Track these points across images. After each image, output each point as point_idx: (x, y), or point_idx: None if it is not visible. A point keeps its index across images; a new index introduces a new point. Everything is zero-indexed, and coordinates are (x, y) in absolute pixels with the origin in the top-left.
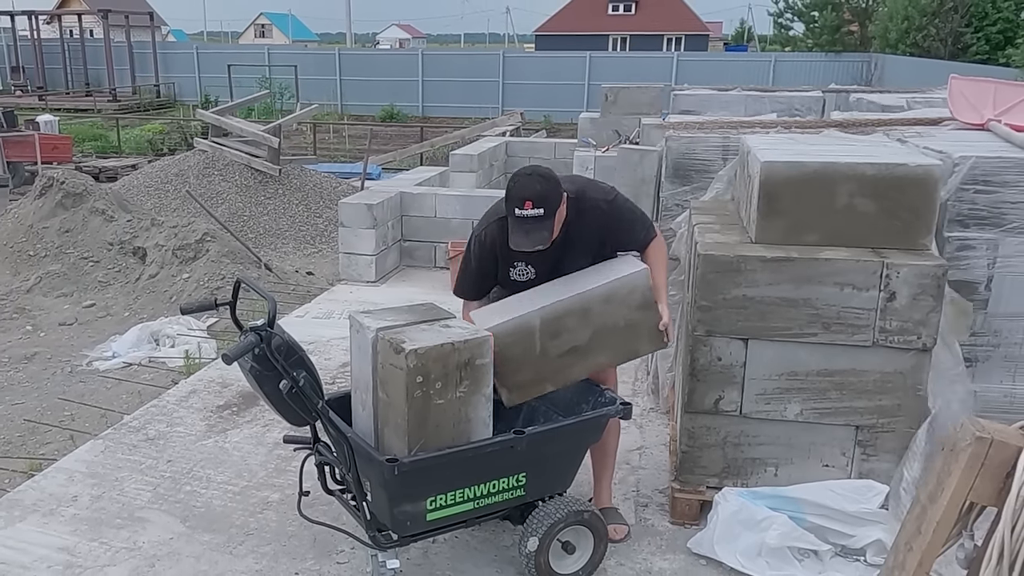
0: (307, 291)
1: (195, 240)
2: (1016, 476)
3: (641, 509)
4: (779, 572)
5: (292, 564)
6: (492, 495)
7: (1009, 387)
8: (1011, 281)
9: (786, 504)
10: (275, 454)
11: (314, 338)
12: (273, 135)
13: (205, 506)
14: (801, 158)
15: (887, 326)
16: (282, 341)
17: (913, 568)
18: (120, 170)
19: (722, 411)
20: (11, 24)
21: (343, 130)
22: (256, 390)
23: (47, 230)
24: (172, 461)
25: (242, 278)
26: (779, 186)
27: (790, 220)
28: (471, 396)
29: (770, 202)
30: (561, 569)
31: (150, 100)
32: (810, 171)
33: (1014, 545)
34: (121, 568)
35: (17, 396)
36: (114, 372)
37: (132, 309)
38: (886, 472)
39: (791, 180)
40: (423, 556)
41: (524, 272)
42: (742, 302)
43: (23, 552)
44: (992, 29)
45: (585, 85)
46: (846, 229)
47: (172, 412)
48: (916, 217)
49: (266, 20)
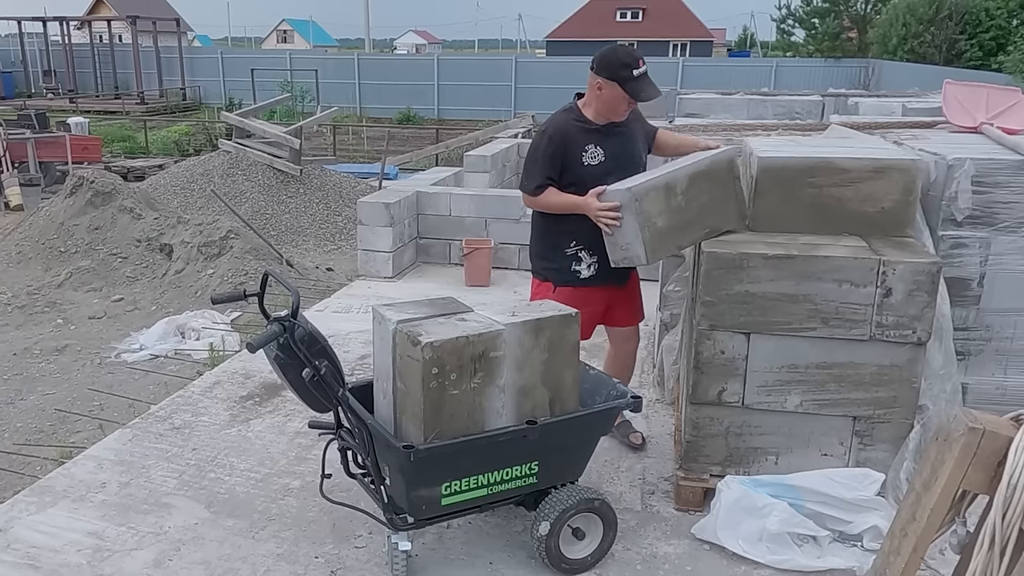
0: (327, 286)
1: (219, 237)
2: (1007, 465)
3: (647, 496)
4: (779, 557)
5: (312, 548)
6: (505, 482)
7: (1001, 379)
8: (1003, 278)
9: (786, 492)
10: (296, 443)
11: (334, 331)
12: (294, 137)
13: (228, 492)
14: (792, 153)
15: (883, 321)
16: (305, 331)
17: (908, 553)
18: (147, 170)
19: (725, 402)
20: (43, 30)
21: (362, 132)
22: (280, 377)
23: (77, 227)
24: (197, 449)
25: (269, 271)
26: (772, 178)
27: (782, 209)
28: (485, 387)
29: (763, 193)
30: (571, 554)
31: (176, 103)
32: (800, 165)
33: (1005, 531)
34: (148, 552)
35: (48, 387)
36: (141, 364)
37: (159, 303)
38: (882, 461)
39: (783, 173)
40: (438, 540)
41: (595, 155)
42: (744, 297)
43: (54, 536)
44: (985, 36)
45: None
46: (834, 218)
47: (197, 402)
48: (897, 208)
49: (288, 26)
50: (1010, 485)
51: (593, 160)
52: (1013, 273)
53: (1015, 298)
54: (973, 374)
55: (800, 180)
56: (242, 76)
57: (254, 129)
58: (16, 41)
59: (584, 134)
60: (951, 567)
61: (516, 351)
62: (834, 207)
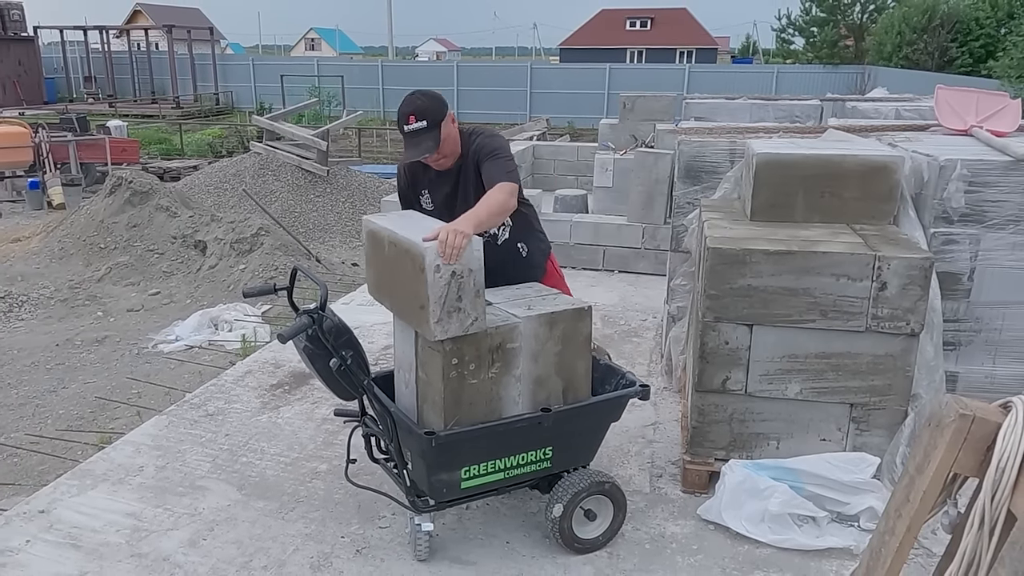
0: (352, 280)
1: (251, 234)
2: (996, 449)
3: (655, 479)
4: (780, 536)
5: (338, 528)
6: (521, 466)
7: (990, 368)
8: (991, 273)
9: (787, 475)
10: (323, 428)
11: (358, 323)
12: (322, 139)
13: (259, 476)
14: (788, 151)
15: (879, 313)
16: (332, 323)
17: (902, 532)
18: (183, 171)
19: (729, 390)
20: (84, 38)
21: (385, 134)
22: (309, 367)
23: (116, 225)
24: (229, 435)
25: (298, 266)
26: (769, 173)
27: (778, 201)
28: (502, 377)
29: (762, 186)
30: (583, 534)
31: (210, 107)
32: (794, 160)
33: (994, 512)
34: (183, 532)
35: (89, 376)
36: (177, 354)
37: (193, 297)
38: (878, 445)
39: (778, 168)
40: (457, 521)
41: (427, 202)
42: (747, 291)
43: (94, 517)
44: (975, 44)
45: (605, 94)
46: (824, 208)
47: (230, 390)
48: (881, 199)
49: (315, 34)
50: (998, 468)
51: (427, 206)
52: (1001, 268)
53: (1003, 291)
54: (964, 363)
55: (793, 174)
56: (272, 82)
57: (283, 132)
58: (58, 49)
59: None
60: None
61: (532, 343)
62: (825, 198)
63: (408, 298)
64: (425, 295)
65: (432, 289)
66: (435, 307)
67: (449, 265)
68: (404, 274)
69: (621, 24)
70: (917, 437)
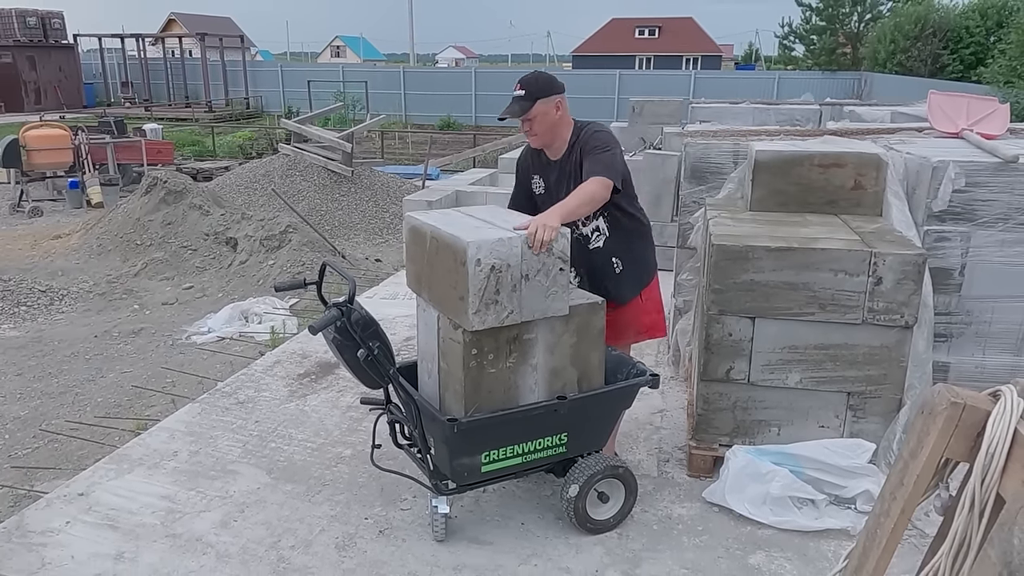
0: (375, 275)
1: (279, 231)
2: (985, 435)
3: (663, 464)
4: (781, 518)
5: (362, 510)
6: (538, 451)
7: (980, 359)
8: (981, 268)
9: (787, 460)
10: (348, 416)
11: (381, 316)
12: (347, 141)
13: (287, 460)
14: (784, 148)
15: (875, 306)
16: (360, 315)
17: (897, 515)
18: (215, 171)
19: (733, 379)
20: (121, 45)
21: (407, 137)
22: (337, 357)
23: (152, 223)
24: (259, 421)
25: (327, 262)
26: (765, 168)
27: (774, 194)
28: (519, 366)
29: (760, 179)
30: (596, 515)
31: (241, 111)
32: (789, 157)
33: (983, 495)
34: (215, 513)
35: (126, 365)
36: (209, 345)
37: (225, 291)
38: (874, 432)
39: (774, 163)
40: (474, 503)
41: (538, 185)
42: (750, 285)
43: (131, 500)
44: (966, 51)
45: (615, 99)
46: (816, 200)
47: (259, 379)
48: (867, 192)
49: (341, 42)
50: (988, 453)
51: (538, 189)
52: (991, 264)
53: (992, 286)
54: (955, 354)
55: (787, 168)
56: (299, 87)
57: (310, 134)
58: (97, 56)
59: None
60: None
61: (548, 335)
62: (816, 190)
63: (447, 290)
64: (465, 287)
65: (472, 282)
66: (474, 299)
67: (489, 260)
68: (445, 267)
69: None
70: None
